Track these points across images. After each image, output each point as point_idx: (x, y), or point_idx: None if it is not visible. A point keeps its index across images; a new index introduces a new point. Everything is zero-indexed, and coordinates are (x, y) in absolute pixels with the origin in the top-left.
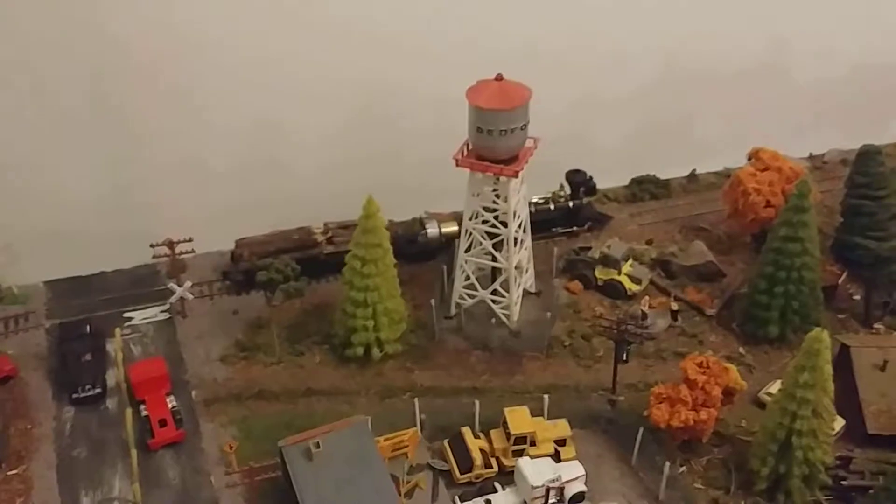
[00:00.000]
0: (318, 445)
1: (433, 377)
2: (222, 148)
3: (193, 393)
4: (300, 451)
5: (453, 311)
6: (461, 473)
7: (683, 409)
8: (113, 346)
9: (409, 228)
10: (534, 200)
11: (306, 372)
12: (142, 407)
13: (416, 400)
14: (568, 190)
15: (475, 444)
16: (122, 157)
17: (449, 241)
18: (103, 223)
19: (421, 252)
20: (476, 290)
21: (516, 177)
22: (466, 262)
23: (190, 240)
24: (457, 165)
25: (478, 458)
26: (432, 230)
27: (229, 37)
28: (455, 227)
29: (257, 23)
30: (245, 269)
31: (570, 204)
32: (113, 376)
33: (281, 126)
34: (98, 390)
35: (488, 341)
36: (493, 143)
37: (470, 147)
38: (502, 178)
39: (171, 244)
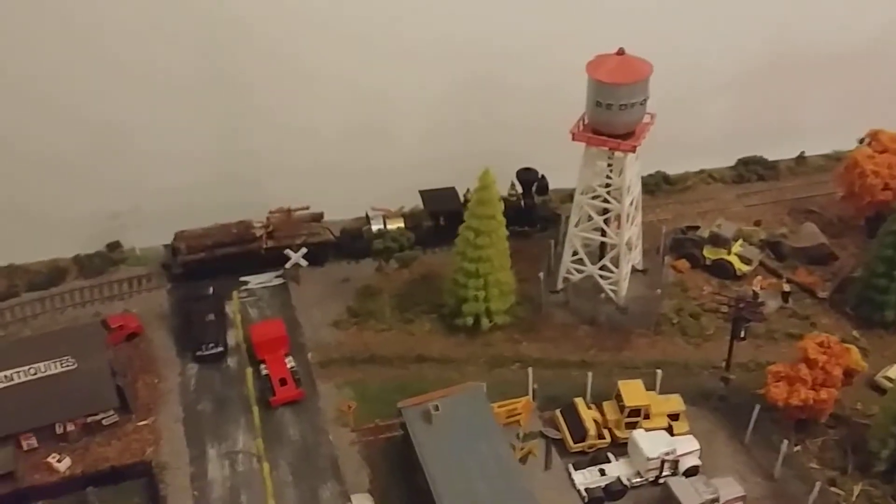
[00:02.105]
0: (437, 408)
1: (541, 349)
2: (332, 116)
3: (309, 355)
4: (419, 412)
5: (560, 285)
6: (574, 442)
7: (803, 388)
8: (231, 309)
9: (354, 225)
10: None
11: (416, 339)
12: (262, 366)
13: (529, 369)
14: (519, 189)
15: (588, 415)
16: (239, 124)
17: (395, 238)
18: (220, 189)
19: (366, 248)
20: (584, 265)
21: (633, 152)
22: (576, 236)
23: (307, 207)
24: (573, 139)
25: (591, 429)
26: (377, 226)
27: (336, 6)
28: (401, 224)
29: None
30: (184, 262)
31: (522, 203)
32: (233, 336)
33: (387, 95)
34: (220, 349)
35: (596, 316)
36: (612, 118)
37: (586, 121)
38: (617, 153)
39: (288, 211)
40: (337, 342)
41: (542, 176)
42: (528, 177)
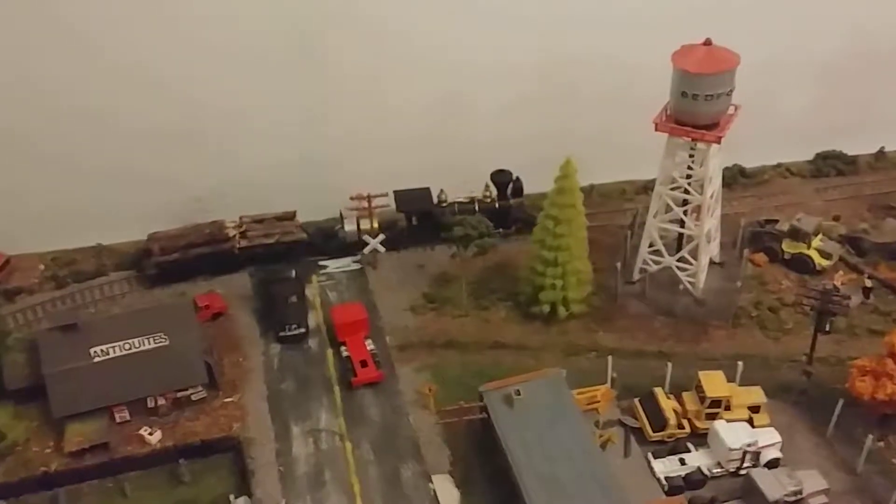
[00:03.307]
0: (518, 392)
1: (617, 339)
2: (408, 114)
3: (388, 338)
4: (500, 396)
5: (636, 276)
6: (654, 431)
7: (889, 382)
8: (311, 292)
9: (327, 224)
10: (459, 200)
11: (492, 325)
12: (342, 348)
13: (609, 357)
14: (494, 191)
15: (668, 405)
16: (321, 109)
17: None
18: (300, 173)
19: (339, 247)
20: (662, 256)
21: (718, 143)
22: (654, 227)
23: (385, 195)
24: (656, 129)
25: (671, 418)
26: (350, 226)
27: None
28: (374, 224)
29: None
30: (158, 263)
31: (497, 205)
32: (313, 319)
33: (468, 76)
34: (302, 330)
35: (673, 308)
36: (696, 108)
37: (669, 111)
38: (700, 145)
39: (368, 197)
40: (414, 327)
41: (517, 178)
42: (502, 178)
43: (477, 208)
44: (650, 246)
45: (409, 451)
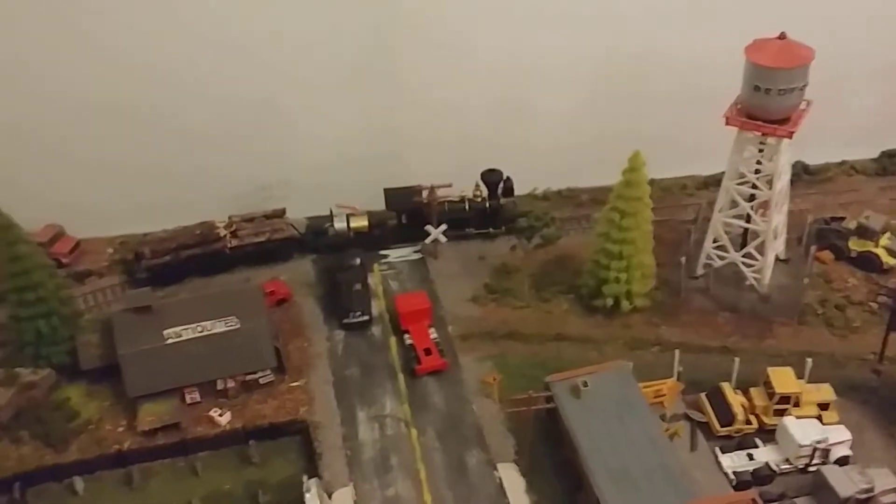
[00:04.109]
0: (585, 384)
1: (680, 333)
2: (476, 93)
3: (450, 328)
4: (567, 387)
5: (700, 271)
6: (721, 426)
7: None
8: (373, 280)
9: (317, 221)
10: (449, 199)
11: (554, 318)
12: (406, 336)
13: (676, 351)
14: (485, 190)
15: (736, 400)
16: (385, 101)
17: (357, 235)
18: (364, 165)
19: (329, 245)
20: (727, 251)
21: (790, 138)
22: (719, 222)
23: (450, 185)
24: (727, 123)
25: (739, 413)
26: (340, 224)
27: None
28: (364, 222)
29: None
30: (148, 267)
31: (487, 205)
32: (376, 306)
33: (534, 71)
34: (366, 317)
35: (737, 304)
36: (769, 103)
37: (739, 105)
38: (770, 139)
39: (432, 188)
40: (476, 317)
41: (508, 178)
42: (492, 178)
43: (467, 207)
44: (715, 241)
45: (474, 439)
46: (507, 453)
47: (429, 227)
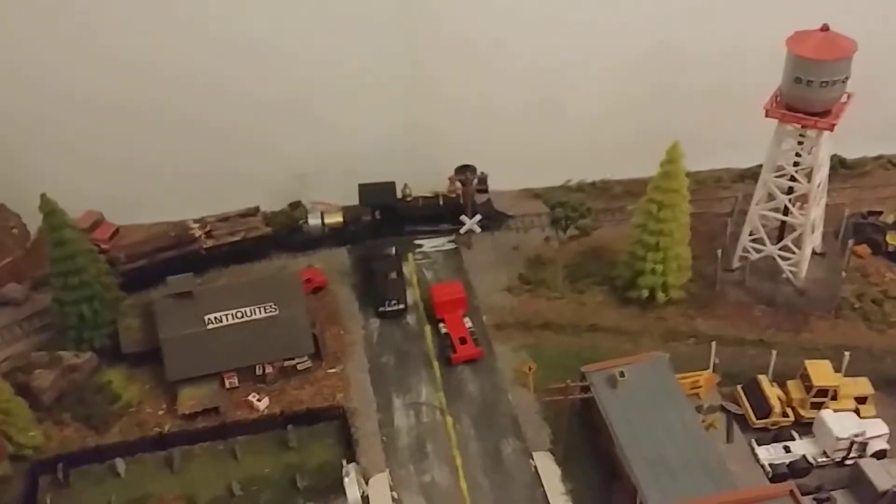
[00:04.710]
0: (622, 374)
1: (716, 326)
2: (509, 93)
3: (484, 317)
4: (604, 377)
5: (735, 263)
6: (757, 419)
7: None
8: (408, 269)
9: (290, 218)
10: (423, 195)
11: (588, 309)
12: (441, 325)
13: (713, 343)
14: (459, 186)
15: (772, 392)
16: (417, 98)
17: (332, 232)
18: (395, 159)
19: (304, 242)
20: (763, 244)
21: (831, 130)
22: (756, 215)
23: (485, 176)
24: (767, 115)
25: (776, 406)
26: (314, 220)
27: None
28: (339, 218)
29: None
30: (125, 272)
31: (461, 201)
32: (410, 295)
33: (564, 70)
34: (401, 306)
35: (773, 297)
36: (810, 95)
37: (779, 97)
38: (810, 132)
39: (467, 179)
40: (510, 307)
41: (483, 174)
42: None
43: (441, 203)
44: (751, 234)
45: (510, 427)
46: (542, 442)
47: (463, 218)
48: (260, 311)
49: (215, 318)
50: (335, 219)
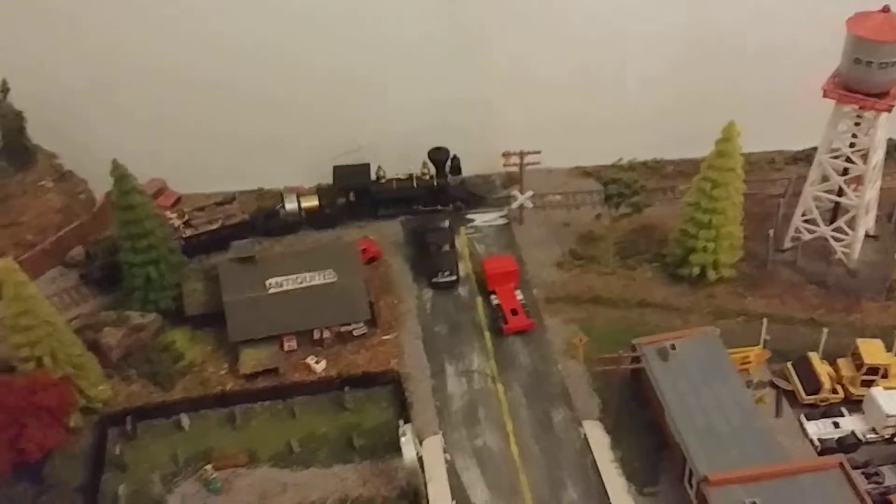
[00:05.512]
0: (673, 347)
1: (766, 305)
2: (558, 65)
3: (535, 290)
4: (655, 350)
5: (787, 244)
6: (806, 395)
7: None
8: (460, 243)
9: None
10: (397, 177)
11: (638, 285)
12: (492, 297)
13: (764, 320)
14: (432, 168)
15: (823, 369)
16: (467, 73)
17: (309, 216)
18: (445, 133)
19: (281, 226)
20: (817, 225)
21: (889, 111)
22: (810, 196)
23: (538, 152)
24: (824, 96)
25: (826, 382)
26: (291, 205)
27: None
28: (315, 202)
29: None
30: (101, 266)
31: (435, 182)
32: (462, 268)
33: (616, 45)
34: (454, 277)
35: (825, 278)
36: (869, 76)
37: (837, 78)
38: (867, 113)
39: (521, 154)
40: (561, 281)
41: (455, 156)
42: (439, 156)
43: (415, 185)
44: (804, 214)
45: (560, 397)
46: (592, 412)
47: (515, 193)
48: (319, 278)
49: (276, 282)
50: (311, 203)
